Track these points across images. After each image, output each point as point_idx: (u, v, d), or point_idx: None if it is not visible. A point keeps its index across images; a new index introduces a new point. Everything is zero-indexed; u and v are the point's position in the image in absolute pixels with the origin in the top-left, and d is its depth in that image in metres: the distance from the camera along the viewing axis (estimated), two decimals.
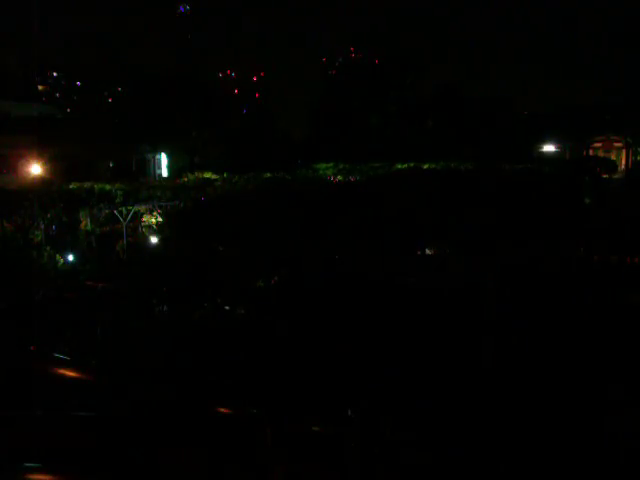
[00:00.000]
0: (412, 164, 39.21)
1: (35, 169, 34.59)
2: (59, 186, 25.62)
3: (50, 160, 36.80)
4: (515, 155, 46.46)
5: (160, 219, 24.38)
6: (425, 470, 7.67)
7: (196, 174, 34.46)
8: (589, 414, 9.36)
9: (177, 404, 3.77)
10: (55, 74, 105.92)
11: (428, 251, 20.71)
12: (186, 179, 32.72)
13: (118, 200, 24.14)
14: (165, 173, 52.30)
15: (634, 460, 8.10)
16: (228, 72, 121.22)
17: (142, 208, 24.99)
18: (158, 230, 23.66)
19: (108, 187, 24.97)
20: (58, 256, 20.47)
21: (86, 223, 24.30)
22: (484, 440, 8.54)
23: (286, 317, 13.32)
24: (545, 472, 8.12)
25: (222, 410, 4.05)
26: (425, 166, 38.16)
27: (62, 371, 3.39)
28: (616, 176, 45.07)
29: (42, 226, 22.29)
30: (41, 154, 36.37)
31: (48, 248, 20.79)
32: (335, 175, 36.38)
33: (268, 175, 32.66)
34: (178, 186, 28.53)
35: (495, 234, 19.01)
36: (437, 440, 8.55)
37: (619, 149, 59.89)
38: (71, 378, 3.36)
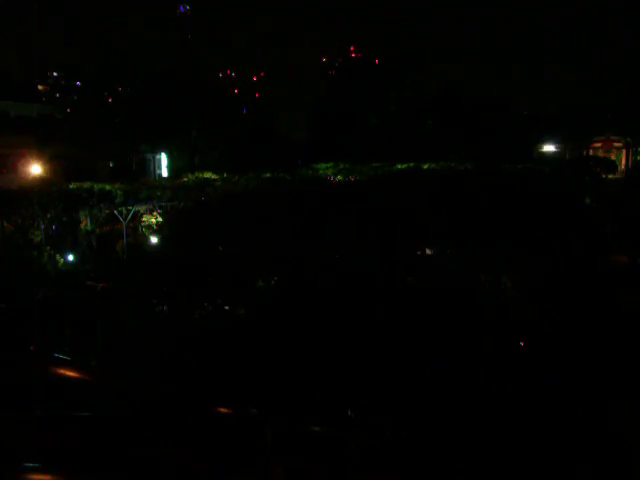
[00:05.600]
0: (412, 164, 39.19)
1: (35, 169, 34.61)
2: (59, 186, 25.58)
3: (50, 160, 36.79)
4: (515, 155, 46.48)
5: (160, 219, 24.36)
6: (424, 469, 7.66)
7: (196, 174, 34.39)
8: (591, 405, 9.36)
9: (177, 404, 3.76)
10: (55, 74, 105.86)
11: (428, 251, 20.69)
12: (186, 179, 32.65)
13: (118, 200, 24.10)
14: (165, 173, 52.30)
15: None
16: (228, 72, 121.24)
17: (142, 208, 24.97)
18: (158, 230, 23.65)
19: (108, 187, 24.93)
20: (58, 256, 20.47)
21: (86, 223, 24.29)
22: (483, 441, 8.53)
23: (286, 317, 13.31)
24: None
25: (222, 410, 4.04)
26: (425, 166, 38.14)
27: (62, 371, 3.38)
28: (616, 176, 45.06)
29: (42, 226, 22.29)
30: (41, 154, 36.37)
31: (48, 248, 20.79)
32: (335, 175, 36.36)
33: (268, 175, 32.61)
34: (178, 186, 28.47)
35: (495, 234, 19.00)
36: (437, 439, 8.55)
37: (619, 149, 59.89)
38: (71, 378, 3.35)
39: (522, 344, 12.08)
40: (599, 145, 59.64)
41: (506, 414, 9.33)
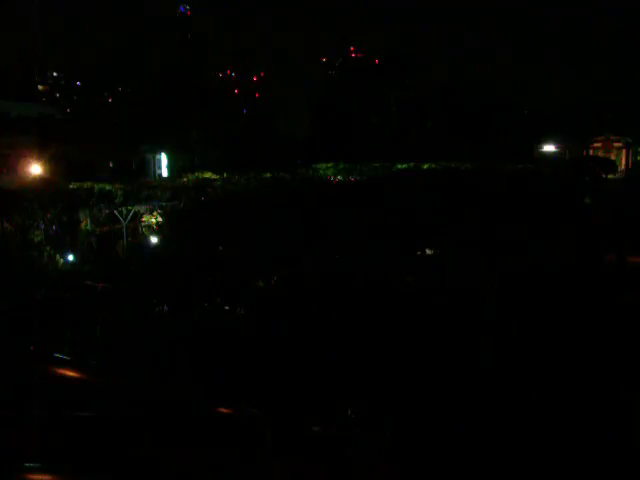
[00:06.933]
0: (412, 164, 39.21)
1: (35, 169, 34.59)
2: (59, 186, 25.60)
3: (50, 160, 36.78)
4: (515, 155, 46.49)
5: (160, 219, 24.38)
6: (425, 469, 7.67)
7: (196, 174, 34.43)
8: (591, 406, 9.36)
9: (177, 404, 3.76)
10: (55, 74, 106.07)
11: (428, 251, 20.70)
12: (186, 179, 32.70)
13: (118, 200, 24.13)
14: (165, 173, 52.29)
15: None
16: (228, 72, 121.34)
17: (142, 208, 24.99)
18: (158, 230, 23.66)
19: (108, 187, 24.97)
20: (58, 256, 20.48)
21: (86, 223, 24.31)
22: (484, 443, 8.54)
23: (286, 317, 13.32)
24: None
25: (222, 410, 4.05)
26: (425, 166, 38.15)
27: (62, 371, 3.38)
28: (616, 176, 45.03)
29: (42, 226, 22.28)
30: (41, 154, 36.35)
31: (48, 248, 20.79)
32: (335, 175, 36.40)
33: (268, 175, 32.65)
34: (178, 186, 28.52)
35: (495, 234, 19.01)
36: (437, 439, 8.55)
37: (619, 149, 59.89)
38: (71, 378, 3.35)
39: (522, 345, 12.08)
40: (599, 145, 59.62)
41: (506, 413, 9.33)
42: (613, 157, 57.18)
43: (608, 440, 8.50)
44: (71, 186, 25.26)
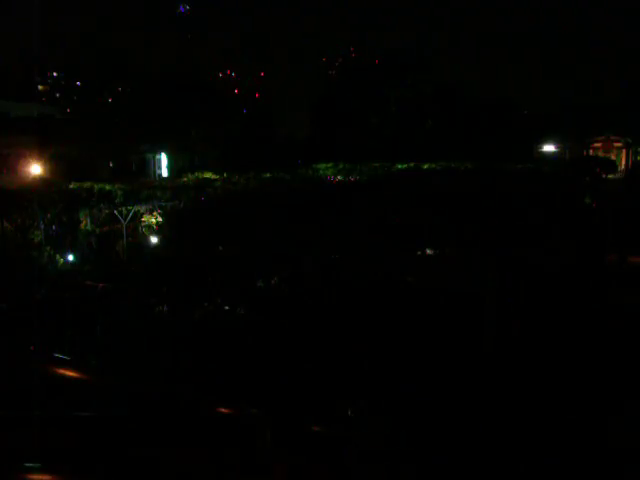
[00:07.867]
0: (412, 164, 39.18)
1: (35, 169, 34.60)
2: (59, 186, 25.59)
3: (50, 160, 36.79)
4: (515, 155, 46.46)
5: (160, 219, 24.35)
6: (424, 469, 7.66)
7: (196, 174, 34.40)
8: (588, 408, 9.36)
9: (177, 404, 3.76)
10: (55, 74, 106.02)
11: (428, 251, 20.71)
12: (186, 179, 32.66)
13: (118, 200, 24.10)
14: (165, 173, 52.25)
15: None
16: (228, 72, 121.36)
17: (142, 208, 24.96)
18: (158, 230, 23.64)
19: (108, 187, 24.94)
20: (58, 256, 20.47)
21: (86, 223, 24.30)
22: (483, 442, 8.53)
23: (287, 317, 13.32)
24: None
25: (222, 410, 4.05)
26: (425, 166, 38.11)
27: (62, 371, 3.38)
28: (616, 176, 44.98)
29: (42, 226, 22.27)
30: (41, 154, 36.36)
31: (48, 248, 20.78)
32: (335, 175, 36.35)
33: (268, 175, 32.62)
34: (178, 186, 28.47)
35: (495, 234, 19.01)
36: (437, 439, 8.55)
37: (619, 149, 59.84)
38: (71, 378, 3.35)
39: (522, 347, 12.09)
40: (599, 145, 59.56)
41: (505, 413, 9.33)
42: (613, 157, 57.12)
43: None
44: (71, 186, 25.23)
